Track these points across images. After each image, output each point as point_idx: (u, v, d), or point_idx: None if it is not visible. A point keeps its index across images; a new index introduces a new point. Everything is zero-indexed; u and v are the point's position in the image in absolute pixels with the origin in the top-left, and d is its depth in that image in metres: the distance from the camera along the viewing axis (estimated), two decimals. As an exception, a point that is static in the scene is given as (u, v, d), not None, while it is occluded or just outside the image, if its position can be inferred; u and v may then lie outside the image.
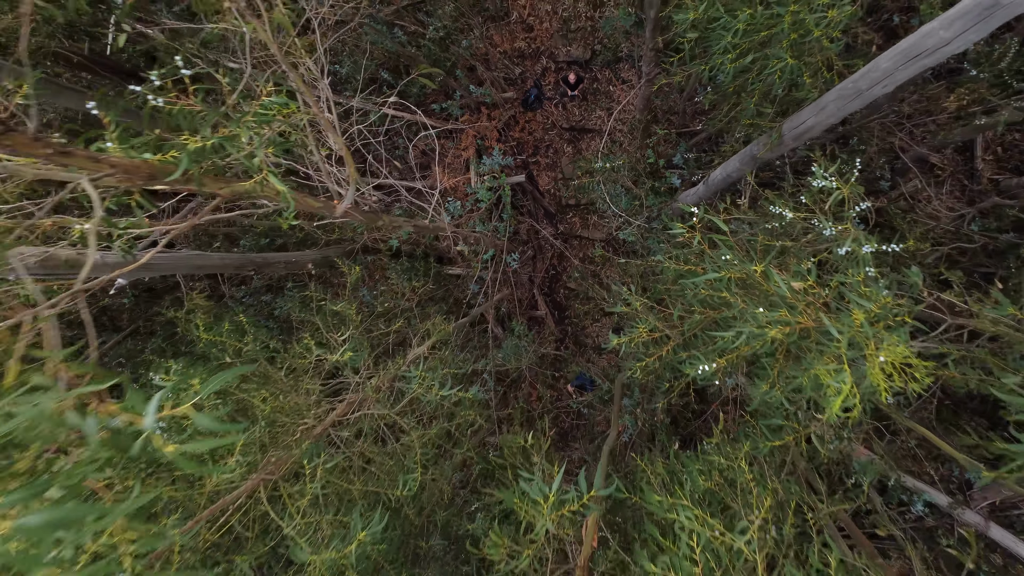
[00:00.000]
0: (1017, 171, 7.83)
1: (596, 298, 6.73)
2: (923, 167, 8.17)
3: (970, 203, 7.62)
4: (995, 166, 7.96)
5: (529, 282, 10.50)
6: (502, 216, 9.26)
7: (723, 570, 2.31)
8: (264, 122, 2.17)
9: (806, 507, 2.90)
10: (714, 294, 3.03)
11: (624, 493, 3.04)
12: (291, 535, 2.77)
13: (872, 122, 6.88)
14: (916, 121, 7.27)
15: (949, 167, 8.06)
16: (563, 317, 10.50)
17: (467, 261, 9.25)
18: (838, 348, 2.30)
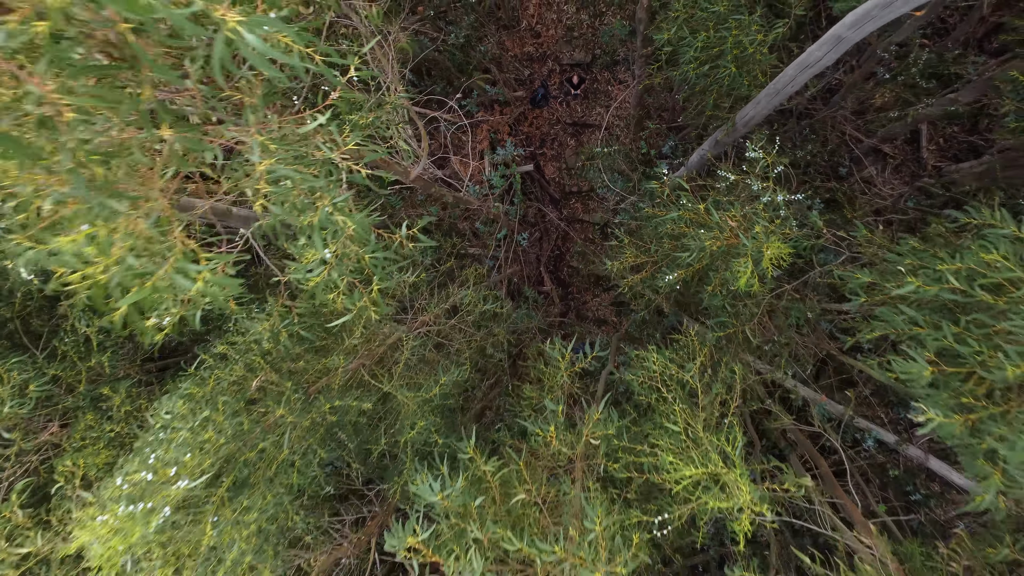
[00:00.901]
0: (956, 159, 9.38)
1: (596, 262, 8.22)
2: (878, 156, 9.74)
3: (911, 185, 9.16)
4: (938, 155, 9.51)
5: (536, 260, 12.00)
6: (513, 200, 10.78)
7: (675, 395, 3.82)
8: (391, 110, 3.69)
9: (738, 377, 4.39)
10: (676, 229, 4.55)
11: (617, 375, 4.56)
12: (390, 389, 4.27)
13: (826, 116, 8.42)
14: (869, 117, 8.83)
15: (899, 156, 9.61)
16: (567, 293, 12.01)
17: (483, 240, 10.76)
18: (746, 250, 3.82)
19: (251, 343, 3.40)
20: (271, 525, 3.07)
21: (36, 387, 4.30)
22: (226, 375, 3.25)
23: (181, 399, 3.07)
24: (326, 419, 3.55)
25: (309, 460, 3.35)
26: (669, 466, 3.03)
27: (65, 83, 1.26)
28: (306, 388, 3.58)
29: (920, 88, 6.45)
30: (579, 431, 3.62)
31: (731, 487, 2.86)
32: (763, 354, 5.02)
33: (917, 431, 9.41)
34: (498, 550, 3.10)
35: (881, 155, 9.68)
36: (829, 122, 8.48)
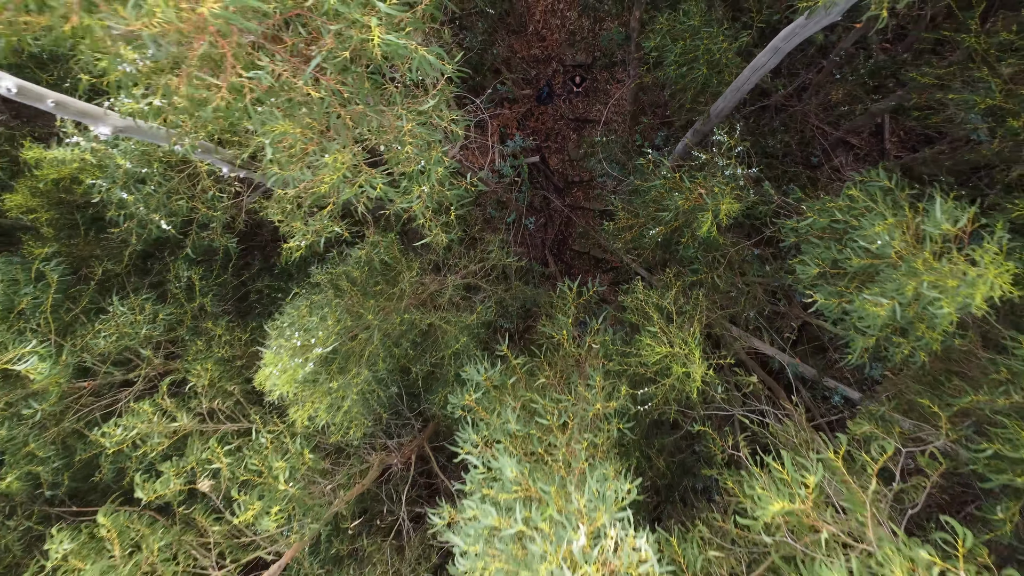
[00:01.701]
0: (914, 149, 10.82)
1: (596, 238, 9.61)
2: (846, 147, 11.18)
3: (877, 173, 10.60)
4: (899, 146, 10.96)
5: (541, 244, 13.41)
6: (521, 188, 12.20)
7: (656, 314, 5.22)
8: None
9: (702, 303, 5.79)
10: (658, 195, 5.97)
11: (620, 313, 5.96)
12: (435, 320, 5.66)
13: (797, 111, 9.87)
14: (833, 112, 10.27)
15: (865, 147, 11.06)
16: (569, 274, 13.45)
17: (494, 224, 12.18)
18: (708, 206, 5.24)
19: (345, 271, 4.82)
20: (366, 392, 4.44)
21: (164, 315, 5.70)
22: (330, 294, 4.66)
23: (303, 304, 4.47)
24: (396, 328, 4.96)
25: (387, 354, 4.74)
26: (647, 348, 4.43)
27: (334, 80, 2.68)
28: (383, 306, 4.99)
29: (868, 87, 7.88)
30: (583, 339, 5.04)
31: (691, 359, 4.27)
32: (729, 300, 6.43)
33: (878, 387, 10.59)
34: (526, 411, 4.50)
35: (849, 146, 11.12)
36: (800, 116, 9.92)
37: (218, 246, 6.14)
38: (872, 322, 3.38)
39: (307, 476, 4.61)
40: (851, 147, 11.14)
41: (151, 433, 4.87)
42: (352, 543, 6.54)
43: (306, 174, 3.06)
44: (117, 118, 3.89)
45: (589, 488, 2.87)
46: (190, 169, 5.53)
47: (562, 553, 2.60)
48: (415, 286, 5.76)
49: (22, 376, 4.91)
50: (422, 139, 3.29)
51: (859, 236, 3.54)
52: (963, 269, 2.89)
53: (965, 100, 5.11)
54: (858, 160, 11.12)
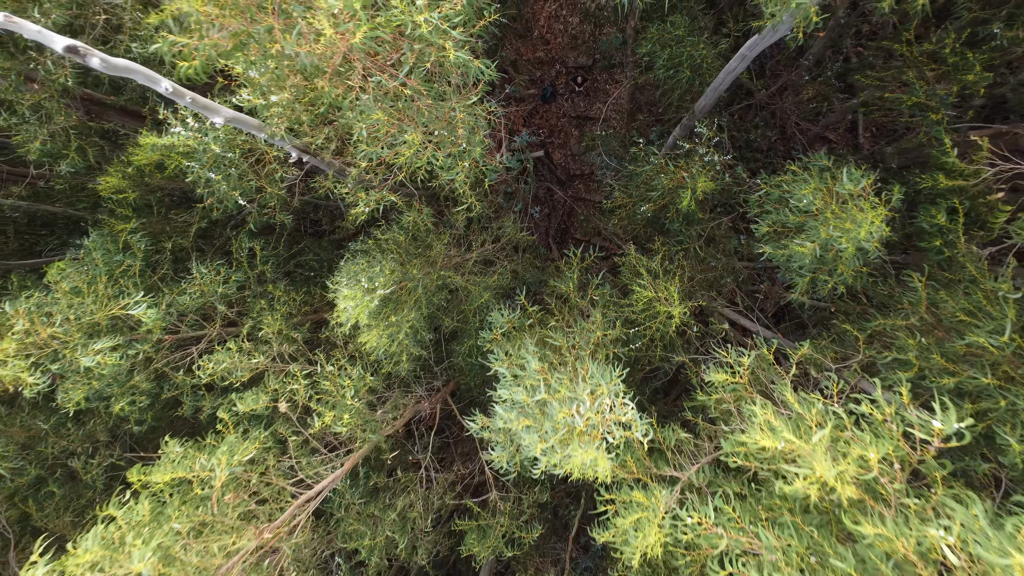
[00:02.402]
0: (887, 143, 12.11)
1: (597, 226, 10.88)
2: (824, 141, 12.47)
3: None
4: (871, 140, 12.26)
5: (545, 232, 14.67)
6: (527, 180, 13.48)
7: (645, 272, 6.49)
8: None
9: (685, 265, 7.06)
10: (648, 177, 7.25)
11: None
12: (462, 283, 6.92)
13: (777, 108, 11.16)
14: (810, 108, 11.56)
15: (841, 141, 12.35)
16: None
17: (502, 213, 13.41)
18: (688, 184, 6.53)
19: (393, 236, 6.09)
20: (415, 327, 5.70)
21: (235, 277, 6.96)
22: (385, 253, 5.93)
23: (362, 260, 5.74)
24: (433, 283, 6.23)
25: (428, 301, 6.01)
26: (637, 295, 5.70)
27: (416, 82, 3.96)
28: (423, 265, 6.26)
29: (835, 87, 9.18)
30: (586, 291, 6.31)
31: (671, 301, 5.53)
32: (709, 268, 7.71)
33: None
34: (543, 345, 5.75)
35: (827, 140, 12.42)
36: (780, 113, 11.21)
37: (275, 222, 7.40)
38: (802, 262, 4.63)
39: (366, 397, 5.85)
40: (828, 141, 12.43)
41: (235, 368, 6.12)
42: (387, 476, 7.81)
43: (385, 151, 4.33)
44: (228, 111, 5.16)
45: (592, 372, 4.12)
46: (258, 154, 6.80)
47: (573, 409, 3.85)
48: (444, 255, 7.04)
49: (130, 321, 6.17)
50: (468, 125, 4.57)
51: (793, 199, 4.80)
52: (855, 215, 4.14)
53: (897, 99, 6.39)
54: (834, 153, 12.41)
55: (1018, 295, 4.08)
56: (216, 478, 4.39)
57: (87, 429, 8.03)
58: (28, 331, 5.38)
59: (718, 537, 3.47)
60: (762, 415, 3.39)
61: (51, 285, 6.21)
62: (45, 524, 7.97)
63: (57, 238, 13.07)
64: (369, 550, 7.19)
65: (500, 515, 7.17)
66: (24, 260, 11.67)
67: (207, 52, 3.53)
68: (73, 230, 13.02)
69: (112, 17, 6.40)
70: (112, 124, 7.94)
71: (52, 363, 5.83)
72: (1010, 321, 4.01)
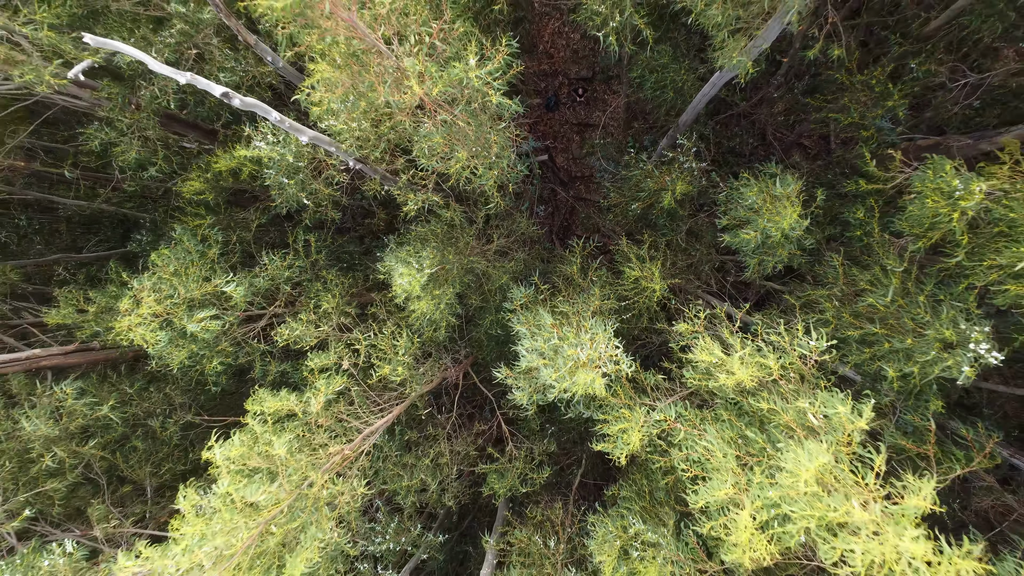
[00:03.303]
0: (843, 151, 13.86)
1: (596, 224, 12.61)
2: (801, 148, 14.23)
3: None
4: (843, 148, 14.01)
5: (549, 229, 16.40)
6: (533, 182, 15.22)
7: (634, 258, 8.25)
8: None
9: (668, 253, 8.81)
10: (638, 182, 9.00)
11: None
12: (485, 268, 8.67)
13: (757, 118, 12.91)
14: (787, 119, 13.31)
15: (816, 147, 14.11)
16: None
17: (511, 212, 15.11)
18: (669, 187, 8.29)
19: (431, 229, 7.81)
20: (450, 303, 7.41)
21: (298, 264, 8.68)
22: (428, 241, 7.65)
23: (410, 248, 7.45)
24: (464, 266, 7.95)
25: (460, 280, 7.72)
26: (626, 276, 7.42)
27: (464, 115, 5.71)
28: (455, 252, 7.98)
29: (800, 103, 10.93)
30: (587, 273, 8.05)
31: (653, 279, 7.26)
32: (689, 256, 9.43)
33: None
34: (553, 312, 7.47)
35: (803, 147, 14.19)
36: (758, 122, 12.97)
37: (326, 218, 9.12)
38: (749, 247, 6.33)
39: (412, 356, 7.57)
40: (804, 147, 14.19)
41: (304, 335, 7.84)
42: (420, 431, 9.53)
43: (439, 164, 6.06)
44: (311, 131, 6.88)
45: (591, 325, 5.82)
46: (318, 163, 8.51)
47: (577, 349, 5.56)
48: (470, 245, 8.77)
49: (221, 297, 7.88)
50: (499, 144, 6.31)
51: (741, 199, 6.52)
52: (781, 211, 5.84)
53: (836, 118, 8.14)
54: (809, 158, 14.16)
55: (900, 268, 5.78)
56: (315, 403, 6.07)
57: (165, 393, 9.73)
58: (150, 302, 7.09)
59: (678, 431, 5.16)
60: (705, 343, 5.09)
61: (155, 267, 7.92)
62: (129, 474, 9.66)
63: (98, 236, 14.86)
64: (405, 492, 8.90)
65: (515, 460, 8.88)
66: (71, 254, 13.38)
67: (327, 98, 5.28)
68: (116, 227, 14.80)
69: (203, 51, 8.11)
70: (186, 137, 9.65)
71: (162, 329, 7.54)
72: (893, 287, 5.70)
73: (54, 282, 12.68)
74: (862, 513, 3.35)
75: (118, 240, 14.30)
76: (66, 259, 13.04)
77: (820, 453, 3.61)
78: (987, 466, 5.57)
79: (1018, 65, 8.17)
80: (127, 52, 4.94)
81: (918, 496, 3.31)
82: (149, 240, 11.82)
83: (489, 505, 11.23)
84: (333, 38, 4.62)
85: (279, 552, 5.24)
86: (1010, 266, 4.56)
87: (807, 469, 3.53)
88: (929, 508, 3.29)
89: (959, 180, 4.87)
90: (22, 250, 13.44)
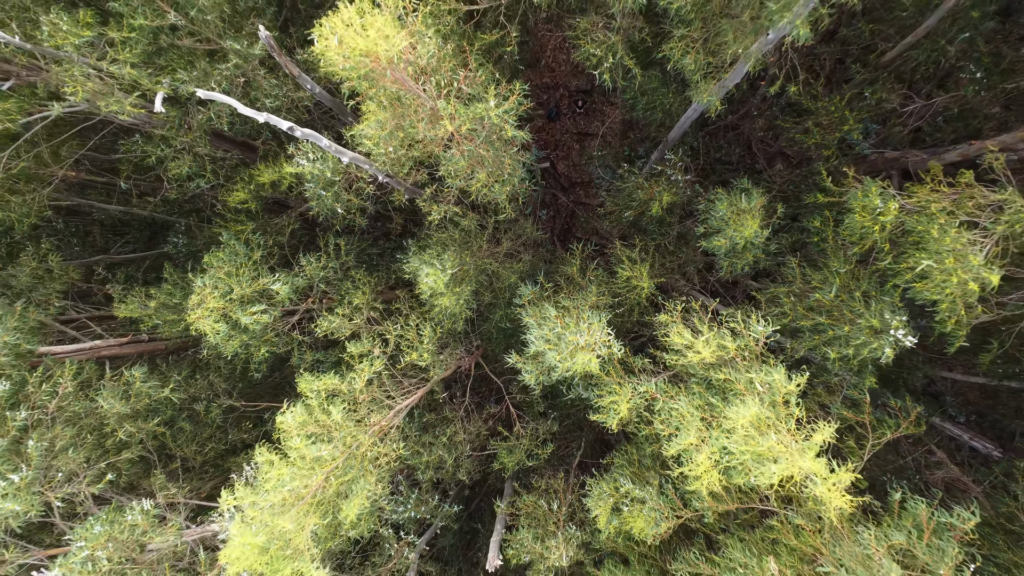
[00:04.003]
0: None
1: (594, 226, 14.00)
2: (784, 157, 15.63)
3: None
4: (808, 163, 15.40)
5: (551, 231, 17.78)
6: (535, 187, 16.60)
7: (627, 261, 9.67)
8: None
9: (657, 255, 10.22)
10: (630, 192, 10.40)
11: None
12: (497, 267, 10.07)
13: (742, 131, 14.29)
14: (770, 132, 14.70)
15: (797, 157, 15.51)
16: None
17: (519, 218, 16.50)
18: (657, 196, 9.70)
19: (449, 234, 9.19)
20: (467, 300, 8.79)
21: (331, 265, 10.06)
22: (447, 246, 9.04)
23: (432, 251, 8.84)
24: (478, 267, 9.34)
25: (475, 279, 9.10)
26: (619, 276, 8.79)
27: (485, 144, 7.11)
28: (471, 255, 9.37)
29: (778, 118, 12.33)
30: (585, 274, 9.45)
31: (642, 278, 8.64)
32: (676, 257, 10.82)
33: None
34: (558, 306, 8.85)
35: (786, 156, 15.60)
36: (744, 134, 14.36)
37: (354, 224, 10.48)
38: (720, 251, 7.68)
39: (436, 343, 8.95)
40: (786, 157, 15.59)
41: (340, 327, 9.21)
42: (437, 413, 10.92)
43: (461, 182, 7.44)
44: (351, 153, 8.25)
45: (588, 316, 7.19)
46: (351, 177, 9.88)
47: (577, 336, 6.94)
48: (482, 248, 10.15)
49: (267, 294, 9.25)
50: (512, 165, 7.70)
51: (714, 211, 7.91)
52: (744, 223, 7.20)
53: (803, 138, 9.53)
54: (791, 167, 15.57)
55: (843, 270, 7.15)
56: (359, 381, 7.44)
57: (209, 380, 11.10)
58: (213, 298, 8.46)
59: (658, 401, 6.51)
60: (678, 329, 6.46)
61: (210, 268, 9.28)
62: (177, 451, 11.03)
63: (125, 238, 16.27)
64: (425, 467, 10.28)
65: (522, 439, 10.26)
66: (97, 256, 14.71)
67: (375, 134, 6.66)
68: (144, 230, 16.19)
69: (251, 79, 9.47)
70: (231, 152, 11.02)
71: (217, 322, 8.91)
72: (836, 285, 7.08)
73: (95, 280, 14.06)
74: (780, 446, 4.70)
75: (143, 242, 15.70)
76: (105, 260, 14.41)
77: (754, 406, 4.98)
78: (913, 432, 6.97)
79: (959, 92, 9.56)
80: (225, 101, 6.34)
81: (820, 434, 4.67)
82: (185, 243, 13.22)
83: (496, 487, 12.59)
84: (384, 88, 5.99)
85: (334, 501, 6.60)
86: (917, 268, 5.92)
87: (744, 417, 4.87)
88: (827, 440, 4.66)
89: (880, 199, 6.24)
90: (65, 253, 14.80)
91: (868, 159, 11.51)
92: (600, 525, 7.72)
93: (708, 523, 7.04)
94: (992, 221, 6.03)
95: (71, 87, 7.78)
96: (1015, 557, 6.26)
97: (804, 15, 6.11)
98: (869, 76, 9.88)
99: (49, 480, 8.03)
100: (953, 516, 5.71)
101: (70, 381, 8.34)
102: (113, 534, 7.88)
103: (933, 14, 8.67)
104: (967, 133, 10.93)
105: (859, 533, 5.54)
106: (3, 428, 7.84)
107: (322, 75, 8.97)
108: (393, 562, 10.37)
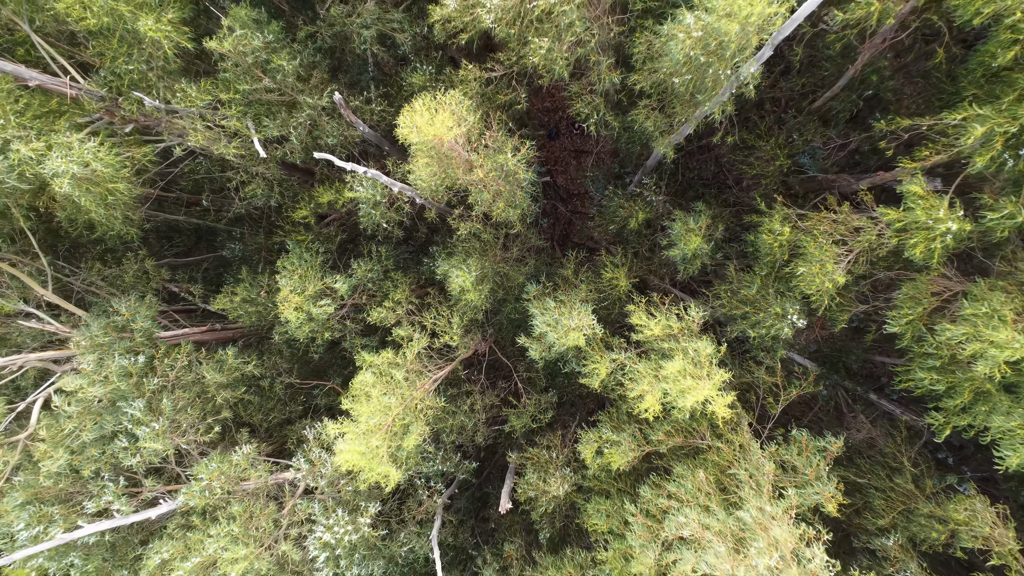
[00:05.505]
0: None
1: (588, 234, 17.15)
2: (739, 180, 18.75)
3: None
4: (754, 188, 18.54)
5: (551, 238, 20.92)
6: (537, 199, 19.73)
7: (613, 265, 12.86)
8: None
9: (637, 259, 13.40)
10: (614, 210, 13.57)
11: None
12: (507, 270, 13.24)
13: (716, 153, 17.43)
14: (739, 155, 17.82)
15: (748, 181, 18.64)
16: (571, 258, 20.78)
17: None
18: (635, 214, 12.88)
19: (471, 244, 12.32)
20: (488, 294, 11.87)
21: (376, 267, 13.19)
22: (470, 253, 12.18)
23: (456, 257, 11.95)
24: (495, 269, 12.49)
25: (492, 279, 12.21)
26: (604, 276, 11.89)
27: (499, 178, 10.27)
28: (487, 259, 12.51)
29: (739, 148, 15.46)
30: (578, 275, 12.62)
31: (621, 279, 11.76)
32: (652, 261, 13.96)
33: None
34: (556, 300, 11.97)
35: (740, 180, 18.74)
36: (715, 155, 17.49)
37: (392, 235, 13.59)
38: (677, 258, 10.78)
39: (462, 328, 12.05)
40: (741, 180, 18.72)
41: (386, 317, 12.32)
42: (458, 388, 14.05)
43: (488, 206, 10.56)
44: (399, 183, 11.36)
45: (578, 306, 10.27)
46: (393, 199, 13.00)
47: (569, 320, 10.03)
48: (496, 255, 13.28)
49: (328, 291, 12.35)
50: (523, 195, 10.84)
51: (671, 229, 11.02)
52: (690, 240, 10.27)
53: (747, 169, 12.66)
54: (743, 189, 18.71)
55: (763, 272, 10.26)
56: (410, 355, 10.53)
57: (273, 361, 14.20)
58: (295, 295, 11.56)
59: (626, 366, 9.62)
60: (639, 312, 9.57)
61: (285, 271, 12.36)
62: (246, 420, 14.13)
63: (172, 243, 19.41)
64: (449, 430, 13.39)
65: (528, 406, 13.39)
66: (164, 260, 17.69)
67: (423, 174, 9.79)
68: (189, 237, 19.29)
69: (316, 123, 12.58)
70: (293, 176, 14.14)
71: (295, 311, 12.00)
72: (758, 280, 10.18)
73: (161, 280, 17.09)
74: (695, 383, 7.77)
75: (188, 247, 18.76)
76: (171, 263, 17.50)
77: (680, 362, 8.07)
78: (812, 390, 10.10)
79: (867, 134, 12.70)
80: (332, 160, 9.47)
81: (718, 376, 7.76)
82: (240, 249, 16.33)
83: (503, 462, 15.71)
84: (436, 148, 9.09)
85: (400, 434, 9.70)
86: (798, 272, 9.05)
87: (674, 368, 7.95)
88: (722, 380, 7.79)
89: (779, 224, 9.33)
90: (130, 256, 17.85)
91: (816, 179, 14.66)
92: (587, 462, 10.84)
93: (664, 456, 10.17)
94: (855, 240, 9.16)
95: (193, 137, 10.87)
96: (868, 474, 9.41)
97: (724, 100, 9.29)
98: (802, 121, 12.99)
99: (174, 429, 11.12)
100: (825, 440, 8.86)
101: (186, 357, 11.44)
102: (223, 470, 10.99)
103: (843, 76, 11.81)
104: (887, 161, 14.11)
105: (762, 452, 8.67)
106: (142, 390, 10.94)
107: (374, 121, 12.12)
108: (424, 506, 13.50)
